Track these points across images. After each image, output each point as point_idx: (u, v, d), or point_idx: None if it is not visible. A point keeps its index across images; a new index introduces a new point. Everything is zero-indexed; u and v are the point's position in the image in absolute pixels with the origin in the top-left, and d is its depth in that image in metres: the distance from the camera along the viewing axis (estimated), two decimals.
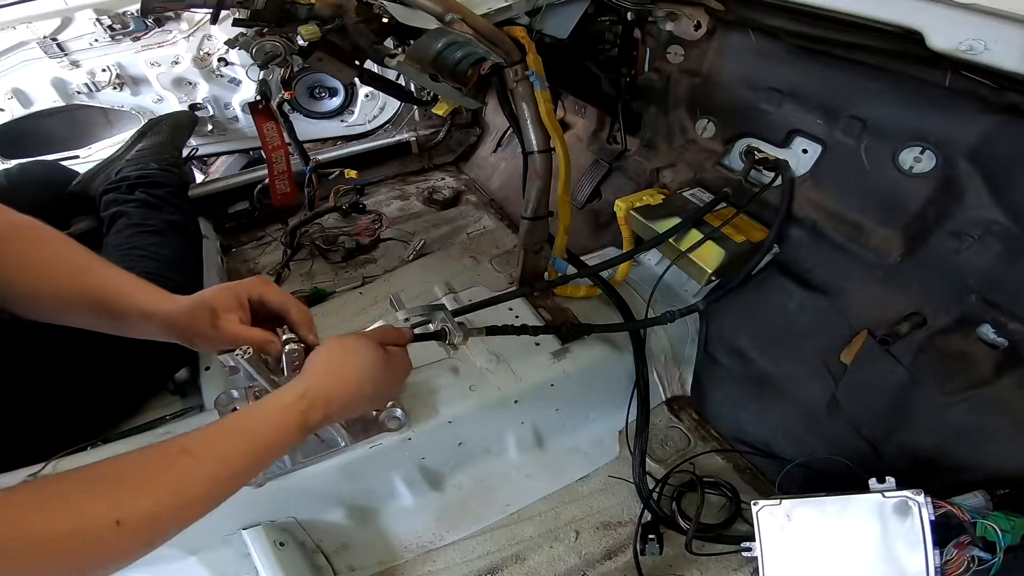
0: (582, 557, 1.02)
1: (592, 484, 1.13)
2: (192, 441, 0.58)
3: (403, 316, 0.89)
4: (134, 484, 0.52)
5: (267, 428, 0.64)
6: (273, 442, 0.64)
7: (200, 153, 2.00)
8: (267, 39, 1.14)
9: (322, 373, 0.72)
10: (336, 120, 2.07)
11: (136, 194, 1.40)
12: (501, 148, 2.07)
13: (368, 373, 0.75)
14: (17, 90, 1.72)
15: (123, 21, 1.70)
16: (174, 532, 0.55)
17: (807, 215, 1.11)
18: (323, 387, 0.70)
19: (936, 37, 0.75)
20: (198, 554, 0.95)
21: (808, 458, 1.01)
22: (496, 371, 1.10)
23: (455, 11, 0.93)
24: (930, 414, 0.92)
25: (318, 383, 0.70)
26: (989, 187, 0.87)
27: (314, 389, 0.69)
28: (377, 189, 2.04)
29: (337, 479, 0.99)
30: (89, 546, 0.48)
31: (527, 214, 1.13)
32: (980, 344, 0.89)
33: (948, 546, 0.75)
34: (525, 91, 1.02)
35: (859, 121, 1.01)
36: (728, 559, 0.98)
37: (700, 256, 1.13)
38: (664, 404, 1.26)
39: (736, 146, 1.27)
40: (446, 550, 1.03)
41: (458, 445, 1.08)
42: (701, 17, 1.21)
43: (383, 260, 1.67)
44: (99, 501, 0.49)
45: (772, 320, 1.16)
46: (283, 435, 0.65)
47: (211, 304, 0.75)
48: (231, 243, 1.77)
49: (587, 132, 1.68)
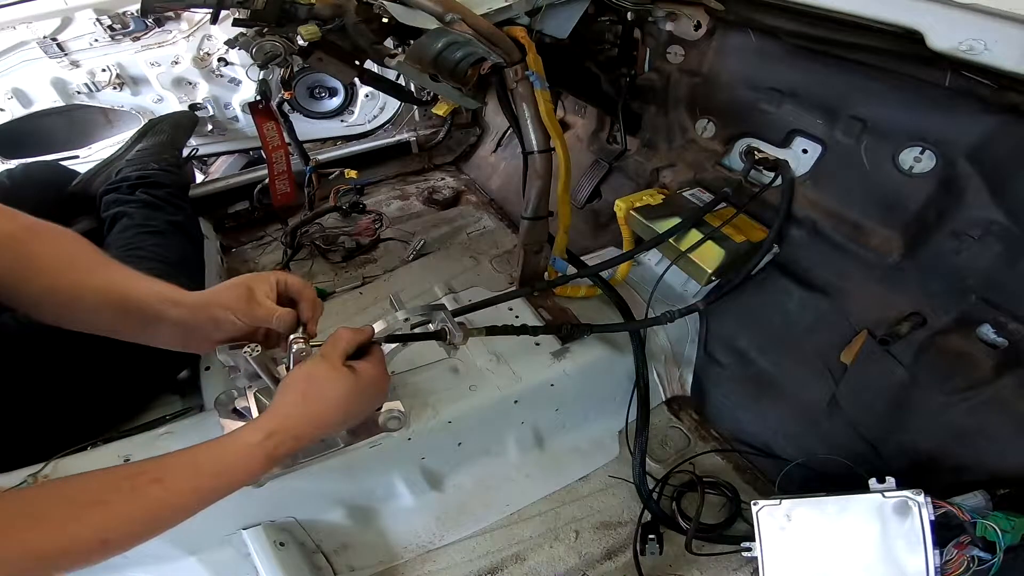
0: (582, 557, 1.02)
1: (592, 484, 1.13)
2: (165, 471, 0.63)
3: (403, 316, 0.89)
4: (114, 511, 0.59)
5: (233, 466, 0.67)
6: (240, 479, 0.68)
7: (200, 153, 2.00)
8: (267, 39, 1.14)
9: (289, 408, 0.72)
10: (336, 120, 2.07)
11: (137, 194, 1.40)
12: (501, 148, 2.07)
13: (337, 403, 0.73)
14: (17, 90, 1.72)
15: (123, 21, 1.70)
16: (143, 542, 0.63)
17: (807, 215, 1.11)
18: (290, 425, 0.70)
19: (936, 37, 0.75)
20: (198, 554, 0.95)
21: (808, 458, 1.01)
22: (496, 371, 1.10)
23: (455, 11, 0.93)
24: (930, 414, 0.92)
25: (285, 421, 0.70)
26: (989, 187, 0.87)
27: (281, 429, 0.69)
28: (377, 189, 2.03)
29: (337, 479, 0.99)
30: (77, 560, 0.58)
31: (527, 214, 1.13)
32: (980, 344, 0.89)
33: (948, 546, 0.75)
34: (525, 91, 1.02)
35: (859, 121, 1.01)
36: (728, 559, 0.98)
37: (700, 256, 1.13)
38: (664, 404, 1.26)
39: (736, 146, 1.27)
40: (446, 550, 1.03)
41: (458, 445, 1.08)
42: (701, 17, 1.21)
43: (383, 260, 1.67)
44: (87, 525, 0.57)
45: (772, 320, 1.16)
46: (249, 473, 0.68)
47: (248, 283, 0.78)
48: (231, 243, 1.77)
49: (587, 132, 1.68)
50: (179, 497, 0.63)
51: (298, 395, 0.72)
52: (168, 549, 0.94)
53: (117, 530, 0.59)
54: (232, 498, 0.91)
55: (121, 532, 0.60)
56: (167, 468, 0.64)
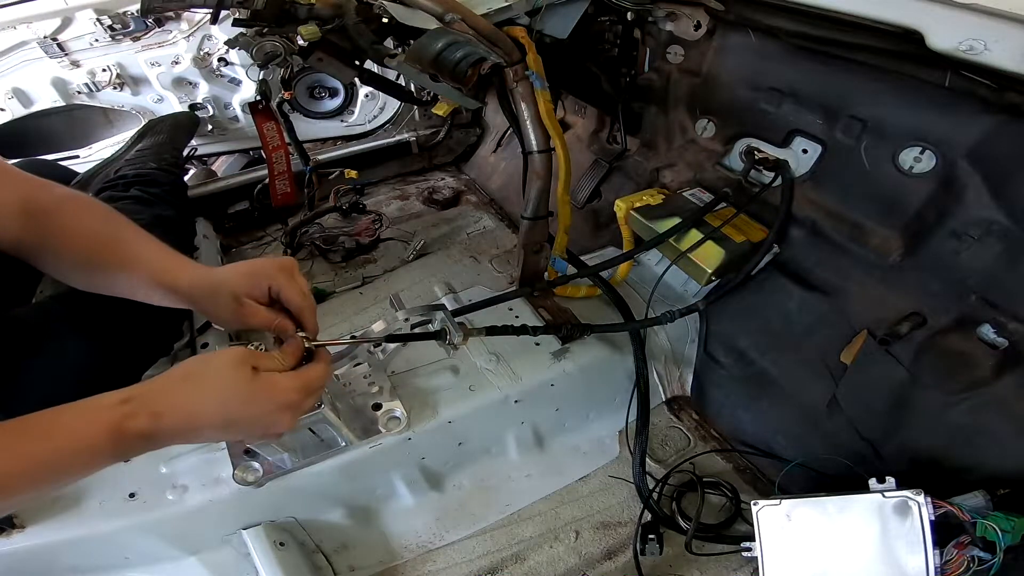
0: (582, 557, 1.02)
1: (592, 484, 1.13)
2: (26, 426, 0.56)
3: (403, 316, 0.89)
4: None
5: (72, 428, 0.57)
6: (76, 445, 0.57)
7: (200, 153, 2.00)
8: (267, 39, 1.14)
9: (161, 384, 0.63)
10: (336, 120, 2.07)
11: (131, 191, 1.39)
12: (501, 148, 2.07)
13: (218, 399, 0.63)
14: (17, 90, 1.72)
15: (123, 21, 1.70)
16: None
17: (807, 215, 1.11)
18: (155, 398, 0.61)
19: (936, 37, 0.76)
20: (198, 554, 0.95)
21: (808, 458, 1.01)
22: (496, 371, 1.10)
23: (455, 11, 0.93)
24: (930, 414, 0.92)
25: (150, 392, 0.62)
26: (989, 187, 0.87)
27: (142, 397, 0.60)
28: (377, 189, 2.04)
29: (337, 479, 0.99)
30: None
31: (527, 214, 1.13)
32: (980, 344, 0.89)
33: (948, 546, 0.75)
34: (525, 91, 1.02)
35: (859, 121, 1.01)
36: (728, 559, 0.98)
37: (700, 256, 1.13)
38: (664, 404, 1.26)
39: (736, 146, 1.27)
40: (446, 550, 1.03)
41: (458, 445, 1.08)
42: (701, 17, 1.21)
43: (383, 260, 1.67)
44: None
45: (772, 320, 1.16)
46: (90, 437, 0.57)
47: (234, 290, 0.73)
48: (231, 243, 1.77)
49: (587, 132, 1.68)
50: (20, 459, 0.55)
51: (180, 374, 0.64)
52: (168, 549, 0.94)
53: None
54: (232, 498, 0.92)
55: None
56: (29, 424, 0.57)
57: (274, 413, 0.66)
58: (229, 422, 0.64)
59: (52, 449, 0.56)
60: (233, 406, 0.64)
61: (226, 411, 0.63)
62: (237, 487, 0.91)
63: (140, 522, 0.90)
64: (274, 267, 0.76)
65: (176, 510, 0.91)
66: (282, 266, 0.76)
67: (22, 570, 0.91)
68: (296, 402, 0.68)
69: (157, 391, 0.62)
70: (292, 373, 0.69)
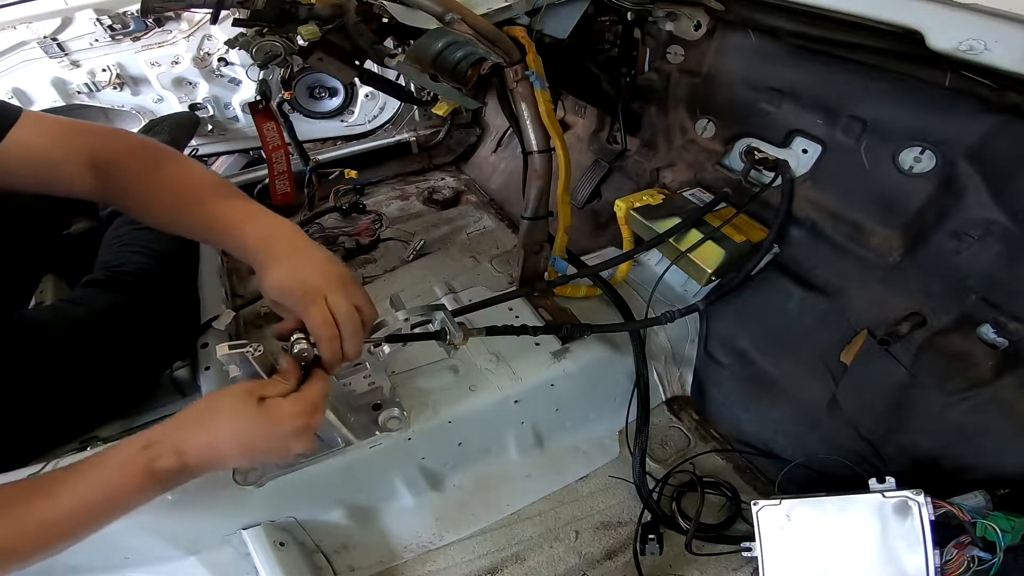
0: (582, 557, 1.02)
1: (592, 484, 1.13)
2: (56, 485, 0.64)
3: (403, 316, 0.89)
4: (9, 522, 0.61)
5: (110, 479, 0.65)
6: (122, 492, 0.65)
7: (200, 153, 2.00)
8: (267, 39, 1.14)
9: (175, 425, 0.69)
10: (336, 120, 2.08)
11: None
12: (501, 148, 2.07)
13: (233, 435, 0.68)
14: (17, 90, 1.72)
15: (123, 21, 1.70)
16: (45, 558, 0.64)
17: (807, 215, 1.11)
18: (173, 437, 0.67)
19: (936, 37, 0.75)
20: (198, 554, 0.95)
21: (808, 458, 1.01)
22: (496, 371, 1.10)
23: (455, 11, 0.93)
24: (930, 414, 0.92)
25: (167, 434, 0.67)
26: (989, 187, 0.87)
27: (161, 439, 0.66)
28: (377, 189, 2.04)
29: (337, 479, 0.99)
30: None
31: (527, 214, 1.13)
32: (980, 344, 0.89)
33: (948, 546, 0.75)
34: (525, 91, 1.02)
35: (859, 121, 1.01)
36: (728, 559, 0.98)
37: (700, 256, 1.13)
38: (664, 404, 1.26)
39: (736, 146, 1.27)
40: (446, 550, 1.03)
41: (458, 445, 1.08)
42: (701, 17, 1.21)
43: (383, 260, 1.67)
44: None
45: (772, 320, 1.16)
46: (131, 486, 0.65)
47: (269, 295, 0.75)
48: None
49: (587, 132, 1.68)
50: (67, 512, 0.63)
51: (194, 414, 0.70)
52: (168, 549, 0.94)
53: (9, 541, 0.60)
54: (232, 498, 0.92)
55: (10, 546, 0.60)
56: (58, 482, 0.64)
57: (287, 439, 0.70)
58: (248, 451, 0.69)
59: (107, 496, 0.64)
60: (246, 439, 0.68)
61: (240, 443, 0.68)
62: (237, 487, 0.91)
63: (140, 522, 0.90)
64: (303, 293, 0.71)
65: (176, 510, 0.91)
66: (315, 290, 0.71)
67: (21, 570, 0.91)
68: (304, 425, 0.70)
69: (172, 431, 0.68)
70: (293, 397, 0.71)
